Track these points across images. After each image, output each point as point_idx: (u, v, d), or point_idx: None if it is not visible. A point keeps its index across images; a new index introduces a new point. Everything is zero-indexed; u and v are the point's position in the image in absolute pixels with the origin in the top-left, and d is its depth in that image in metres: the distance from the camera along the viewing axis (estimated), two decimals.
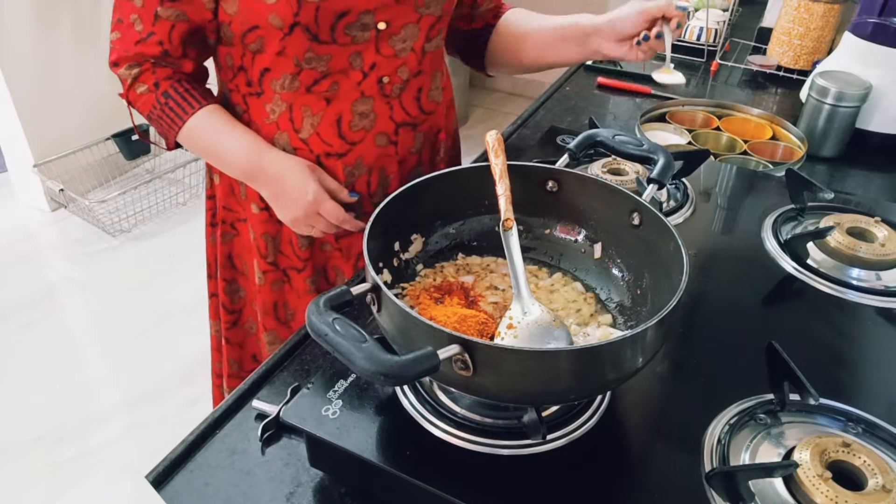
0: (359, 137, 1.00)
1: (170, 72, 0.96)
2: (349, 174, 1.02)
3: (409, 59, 0.98)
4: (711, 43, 1.76)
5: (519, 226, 0.80)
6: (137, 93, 0.96)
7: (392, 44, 0.95)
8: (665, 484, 0.62)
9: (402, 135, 1.03)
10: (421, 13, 0.95)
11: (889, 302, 0.86)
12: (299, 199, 0.97)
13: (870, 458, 0.60)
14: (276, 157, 0.97)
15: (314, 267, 1.10)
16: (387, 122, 1.00)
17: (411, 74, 1.00)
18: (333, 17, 0.88)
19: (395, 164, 1.05)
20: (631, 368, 0.59)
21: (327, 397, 0.66)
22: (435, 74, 1.05)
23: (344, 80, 0.95)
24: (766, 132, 1.34)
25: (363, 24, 0.91)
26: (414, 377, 0.50)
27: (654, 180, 0.74)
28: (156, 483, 0.68)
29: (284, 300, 1.14)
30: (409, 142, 1.04)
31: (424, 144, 1.08)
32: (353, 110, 0.97)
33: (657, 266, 0.70)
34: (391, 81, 0.98)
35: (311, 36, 0.90)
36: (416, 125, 1.04)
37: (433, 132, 1.09)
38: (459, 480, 0.60)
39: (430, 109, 1.06)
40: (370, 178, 1.04)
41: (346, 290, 0.57)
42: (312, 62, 0.93)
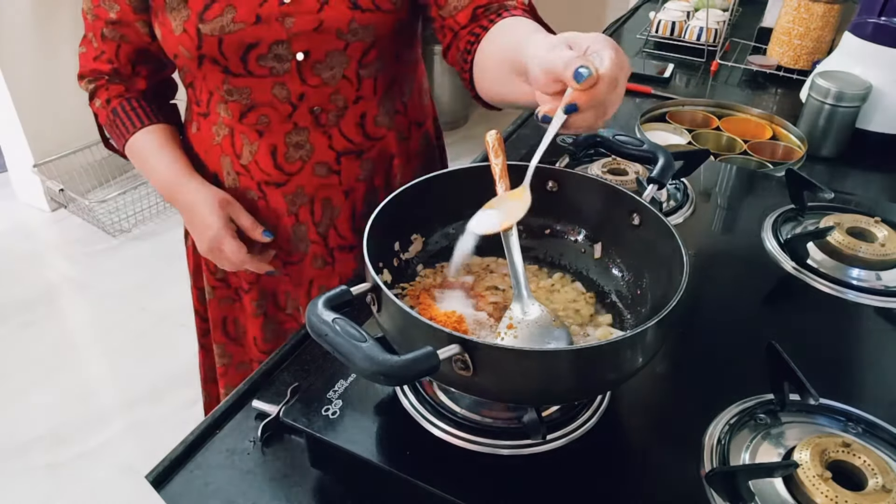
0: (296, 168, 0.98)
1: (122, 89, 1.02)
2: (290, 202, 1.01)
3: (343, 87, 0.94)
4: (711, 43, 1.76)
5: (519, 226, 0.80)
6: (95, 106, 1.04)
7: (318, 72, 0.91)
8: (665, 484, 0.62)
9: (344, 164, 0.99)
10: (347, 40, 0.90)
11: (889, 302, 0.86)
12: (203, 232, 0.98)
13: (870, 458, 0.60)
14: (192, 188, 0.99)
15: (261, 290, 1.10)
16: (325, 151, 0.98)
17: (349, 102, 0.95)
18: (241, 50, 0.87)
19: (339, 193, 1.02)
20: (631, 368, 0.59)
21: (327, 397, 0.66)
22: (385, 98, 0.99)
23: (272, 113, 0.94)
24: (766, 132, 1.34)
25: (277, 55, 0.88)
26: (414, 377, 0.50)
27: (654, 180, 0.74)
28: (156, 483, 0.68)
29: (234, 316, 1.16)
30: (355, 170, 1.01)
31: (375, 171, 1.03)
32: (287, 142, 0.96)
33: (657, 266, 0.70)
34: (325, 111, 0.95)
35: (222, 68, 0.89)
36: (360, 153, 1.00)
37: (384, 158, 1.04)
38: (459, 480, 0.60)
39: (377, 135, 1.01)
40: (313, 208, 1.02)
41: (346, 290, 0.57)
42: (234, 94, 0.92)
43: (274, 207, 1.01)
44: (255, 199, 1.01)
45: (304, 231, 1.03)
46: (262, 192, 1.00)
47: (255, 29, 0.86)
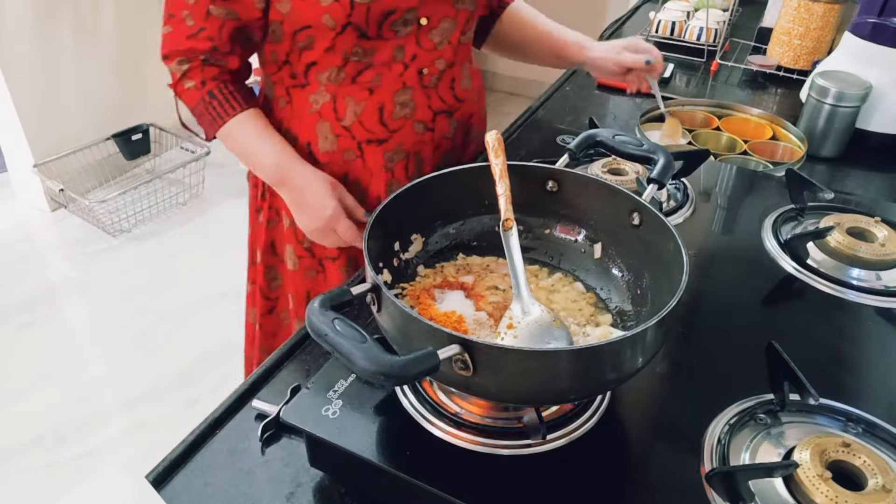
0: (399, 125, 1.04)
1: (216, 71, 1.00)
2: (388, 159, 1.06)
3: (446, 52, 1.03)
4: (711, 43, 1.76)
5: (519, 226, 0.80)
6: (185, 87, 1.01)
7: (432, 37, 1.01)
8: (665, 484, 0.62)
9: (438, 122, 1.08)
10: (458, 8, 1.01)
11: (889, 302, 0.86)
12: (318, 213, 1.02)
13: (870, 458, 0.60)
14: (301, 171, 1.02)
15: (349, 257, 1.13)
16: (425, 110, 1.05)
17: (447, 65, 1.05)
18: (382, 16, 0.94)
19: (430, 149, 1.09)
20: (631, 368, 0.59)
21: (327, 397, 0.66)
22: (465, 64, 1.10)
23: (387, 72, 1.00)
24: (766, 132, 1.34)
25: (406, 20, 0.96)
26: (414, 377, 0.50)
27: (654, 180, 0.74)
28: (156, 483, 0.68)
29: (318, 291, 1.16)
30: (445, 128, 1.09)
31: (458, 130, 1.13)
32: (395, 100, 1.02)
33: (657, 266, 0.70)
34: (430, 72, 1.03)
35: (360, 33, 0.95)
36: (451, 112, 1.09)
37: (466, 118, 1.14)
38: (459, 480, 0.60)
39: (463, 97, 1.10)
40: (408, 163, 1.08)
41: (346, 290, 0.57)
42: (359, 55, 0.98)
43: (370, 166, 1.06)
44: (351, 159, 1.05)
45: (398, 186, 1.03)
46: (361, 151, 1.05)
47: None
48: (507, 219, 0.70)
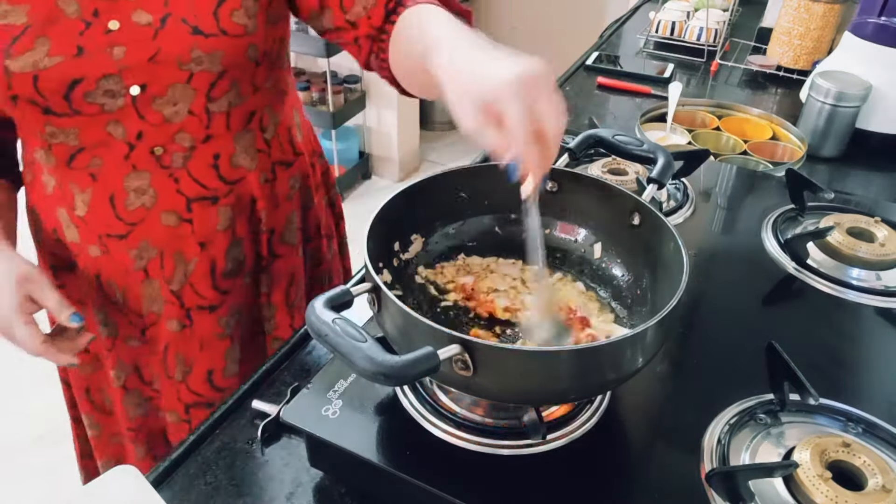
0: (139, 217, 0.85)
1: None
2: (137, 257, 0.87)
3: (189, 124, 0.82)
4: (711, 43, 1.76)
5: (519, 226, 0.80)
6: None
7: (158, 108, 0.80)
8: (665, 484, 0.62)
9: (197, 211, 0.87)
10: (192, 70, 0.78)
11: (889, 302, 0.86)
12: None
13: (870, 458, 0.60)
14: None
15: (118, 359, 0.96)
16: (173, 197, 0.85)
17: (197, 141, 0.83)
18: (62, 87, 0.75)
19: (193, 245, 0.88)
20: (631, 368, 0.59)
21: (327, 397, 0.66)
22: (241, 135, 0.87)
23: (106, 154, 0.81)
24: (766, 132, 1.34)
25: (108, 90, 0.77)
26: (414, 377, 0.50)
27: (653, 180, 0.74)
28: (156, 483, 0.68)
29: (98, 385, 1.03)
30: (211, 219, 0.88)
31: (236, 219, 0.90)
32: (126, 186, 0.83)
33: (657, 266, 0.70)
34: (168, 151, 0.82)
35: (42, 109, 0.77)
36: (216, 198, 0.87)
37: (245, 203, 0.91)
38: (459, 480, 0.60)
39: (234, 178, 0.88)
40: (163, 262, 0.88)
41: (346, 290, 0.57)
42: (59, 136, 0.80)
43: (119, 262, 0.88)
44: (98, 255, 0.88)
45: (156, 289, 0.90)
46: (106, 247, 0.87)
47: (77, 62, 0.74)
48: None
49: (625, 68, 1.68)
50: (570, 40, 3.24)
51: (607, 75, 1.64)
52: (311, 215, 1.03)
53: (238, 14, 0.79)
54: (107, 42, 0.75)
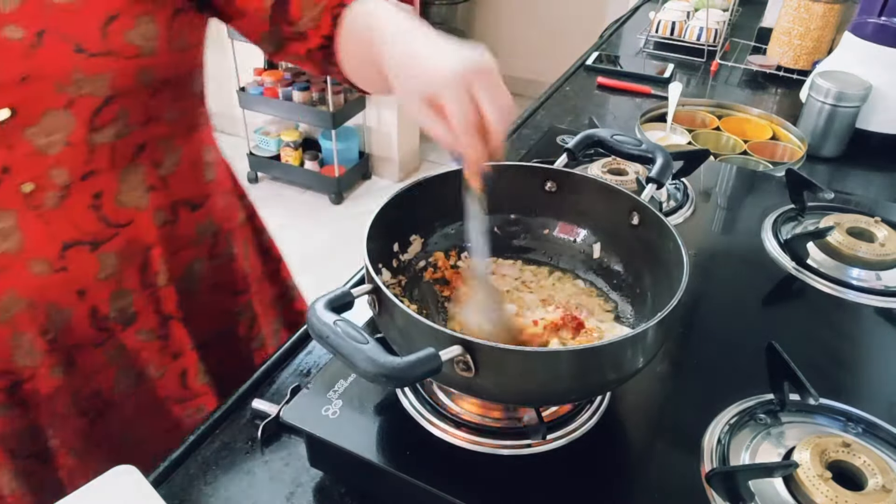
0: (2, 265, 0.74)
1: None
2: (3, 309, 0.75)
3: (66, 157, 0.71)
4: (711, 43, 1.76)
5: (518, 226, 0.80)
6: None
7: (29, 138, 0.69)
8: (665, 484, 0.62)
9: (72, 258, 0.75)
10: (71, 94, 0.68)
11: (889, 302, 0.86)
12: None
13: (870, 458, 0.60)
14: None
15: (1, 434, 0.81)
16: (44, 242, 0.74)
17: (76, 177, 0.73)
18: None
19: (72, 296, 0.78)
20: (631, 368, 0.59)
21: (327, 397, 0.66)
22: (127, 171, 0.76)
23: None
24: (766, 132, 1.34)
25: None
26: (416, 379, 0.50)
27: (652, 180, 0.74)
28: (156, 483, 0.68)
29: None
30: (91, 266, 0.77)
31: (124, 267, 0.80)
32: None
33: (657, 266, 0.70)
34: (39, 188, 0.71)
35: None
36: (96, 244, 0.77)
37: (136, 250, 0.80)
38: (459, 480, 0.60)
39: (122, 220, 0.78)
40: (36, 315, 0.76)
41: (347, 291, 0.57)
42: None
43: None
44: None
45: (29, 341, 0.78)
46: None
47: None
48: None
49: (625, 68, 1.68)
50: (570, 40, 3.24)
51: (607, 75, 1.64)
52: (234, 267, 0.93)
53: (131, 34, 0.69)
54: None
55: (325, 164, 3.27)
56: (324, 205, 3.30)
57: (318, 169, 3.25)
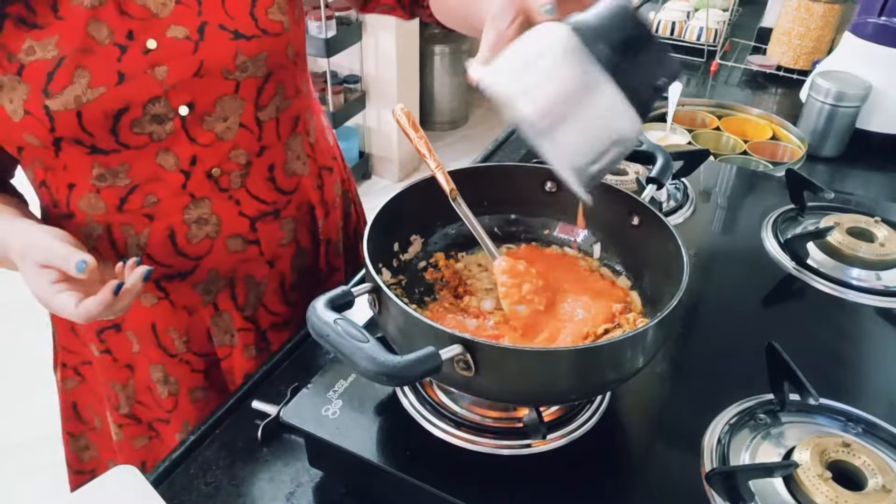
0: (204, 249, 0.80)
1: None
2: (204, 291, 0.83)
3: (242, 139, 0.78)
4: (711, 43, 1.76)
5: (519, 226, 0.80)
6: None
7: (209, 127, 0.75)
8: (665, 484, 0.62)
9: (262, 230, 0.83)
10: (237, 79, 0.74)
11: (889, 302, 0.86)
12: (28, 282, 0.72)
13: (870, 458, 0.60)
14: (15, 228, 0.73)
15: (183, 420, 0.89)
16: (236, 220, 0.80)
17: (252, 155, 0.79)
18: (109, 120, 0.69)
19: (263, 266, 0.84)
20: (631, 368, 0.59)
21: (327, 397, 0.66)
22: (291, 140, 0.84)
23: (161, 188, 0.75)
24: (766, 132, 1.34)
25: (155, 115, 0.71)
26: (416, 377, 0.50)
27: (652, 180, 0.74)
28: (156, 483, 0.68)
29: (154, 457, 0.93)
30: (276, 234, 0.84)
31: (298, 229, 0.87)
32: (187, 219, 0.78)
33: (657, 266, 0.70)
34: (225, 172, 0.78)
35: (88, 149, 0.71)
36: (277, 212, 0.84)
37: (304, 212, 0.88)
38: (459, 480, 0.60)
39: (291, 187, 0.85)
40: (235, 292, 0.84)
41: (347, 290, 0.57)
42: (108, 178, 0.73)
43: (183, 303, 0.83)
44: (154, 302, 0.82)
45: (228, 320, 0.86)
46: (163, 290, 0.81)
47: (121, 90, 0.69)
48: (452, 189, 0.68)
49: None
50: None
51: None
52: (352, 224, 1.01)
53: (273, 11, 0.76)
54: (147, 63, 0.70)
55: None
56: None
57: None
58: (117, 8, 0.69)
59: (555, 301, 0.70)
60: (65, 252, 0.68)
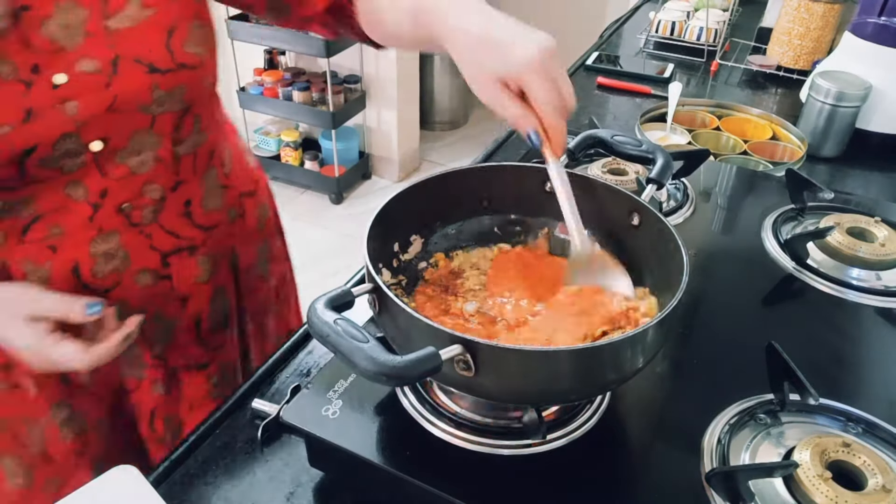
0: (111, 282, 0.77)
1: None
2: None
3: (157, 174, 0.75)
4: (711, 43, 1.76)
5: (519, 226, 0.80)
6: None
7: (122, 161, 0.72)
8: (665, 484, 0.62)
9: (175, 264, 0.80)
10: (154, 113, 0.72)
11: (889, 302, 0.86)
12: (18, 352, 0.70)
13: (870, 458, 0.60)
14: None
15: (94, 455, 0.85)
16: (146, 254, 0.78)
17: (167, 190, 0.77)
18: (16, 158, 0.65)
19: (175, 303, 0.82)
20: (631, 368, 0.59)
21: (327, 397, 0.66)
22: (207, 175, 0.81)
23: (67, 220, 0.72)
24: (766, 132, 1.34)
25: (67, 151, 0.68)
26: (416, 378, 0.50)
27: (652, 180, 0.74)
28: (156, 483, 0.68)
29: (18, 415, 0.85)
30: (191, 270, 0.82)
31: (219, 268, 0.85)
32: (94, 252, 0.74)
33: (657, 266, 0.70)
34: (136, 206, 0.75)
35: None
36: (194, 248, 0.81)
37: (227, 247, 0.86)
38: (459, 480, 0.60)
39: (210, 223, 0.82)
40: (144, 326, 0.80)
41: (347, 290, 0.57)
42: (8, 211, 0.70)
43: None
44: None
45: (137, 354, 0.83)
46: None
47: (28, 128, 0.64)
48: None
49: (625, 68, 1.68)
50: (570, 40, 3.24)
51: (607, 75, 1.64)
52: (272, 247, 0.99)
53: (189, 44, 0.73)
54: (56, 98, 0.65)
55: (325, 164, 3.27)
56: (324, 205, 3.30)
57: (318, 169, 3.25)
58: (20, 40, 0.64)
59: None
60: (61, 298, 0.68)
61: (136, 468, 0.64)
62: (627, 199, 0.72)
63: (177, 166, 0.77)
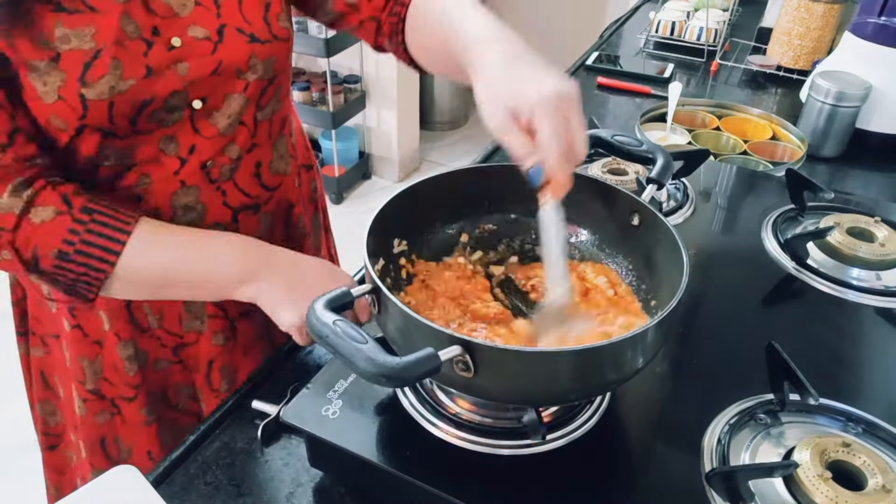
0: None
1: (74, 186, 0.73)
2: None
3: (239, 135, 0.81)
4: (711, 43, 1.76)
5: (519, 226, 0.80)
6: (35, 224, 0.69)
7: (214, 122, 0.78)
8: (665, 484, 0.62)
9: (242, 221, 0.85)
10: (248, 79, 0.78)
11: (889, 302, 0.86)
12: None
13: (870, 458, 0.60)
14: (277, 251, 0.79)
15: (149, 393, 0.91)
16: (219, 210, 0.83)
17: (243, 151, 0.82)
18: (133, 110, 0.72)
19: None
20: (631, 369, 0.59)
21: (327, 397, 0.66)
22: (277, 142, 0.88)
23: (155, 170, 0.77)
24: (766, 132, 1.34)
25: (172, 106, 0.74)
26: (416, 379, 0.50)
27: (653, 180, 0.74)
28: (156, 483, 0.68)
29: (115, 434, 0.94)
30: (252, 226, 0.87)
31: (274, 224, 0.91)
32: (174, 204, 0.79)
33: (657, 266, 0.70)
34: (217, 164, 0.80)
35: (105, 134, 0.72)
36: (258, 206, 0.87)
37: (283, 208, 0.92)
38: (459, 480, 0.60)
39: (274, 184, 0.88)
40: None
41: (346, 291, 0.57)
42: (110, 158, 0.74)
43: None
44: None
45: (199, 305, 0.87)
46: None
47: (148, 83, 0.71)
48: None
49: (625, 68, 1.68)
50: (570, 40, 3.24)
51: (607, 75, 1.64)
52: (318, 222, 1.05)
53: (282, 18, 0.80)
54: (171, 59, 0.72)
55: (325, 164, 3.27)
56: None
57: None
58: (143, 4, 0.71)
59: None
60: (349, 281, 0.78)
61: (150, 455, 0.63)
62: (628, 200, 0.72)
63: (255, 130, 0.83)
